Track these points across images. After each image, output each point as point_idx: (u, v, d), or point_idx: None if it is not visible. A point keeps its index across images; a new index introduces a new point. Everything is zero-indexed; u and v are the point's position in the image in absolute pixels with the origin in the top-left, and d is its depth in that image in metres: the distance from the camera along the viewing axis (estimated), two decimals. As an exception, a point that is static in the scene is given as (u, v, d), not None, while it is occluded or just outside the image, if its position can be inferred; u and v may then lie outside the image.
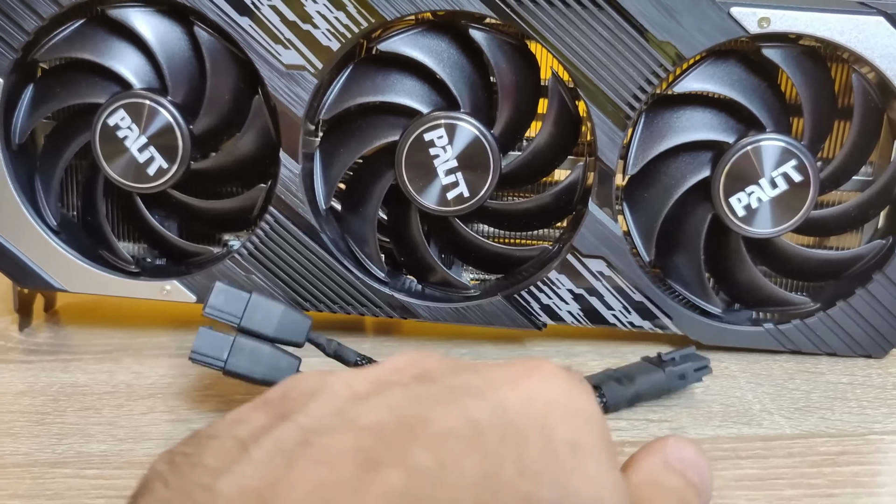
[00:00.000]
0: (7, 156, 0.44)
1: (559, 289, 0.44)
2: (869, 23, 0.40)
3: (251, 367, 0.37)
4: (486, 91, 0.43)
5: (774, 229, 0.42)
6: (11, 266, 0.45)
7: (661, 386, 0.39)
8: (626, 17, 0.40)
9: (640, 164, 0.42)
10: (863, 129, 0.42)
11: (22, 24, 0.42)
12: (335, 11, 0.41)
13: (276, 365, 0.37)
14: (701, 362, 0.40)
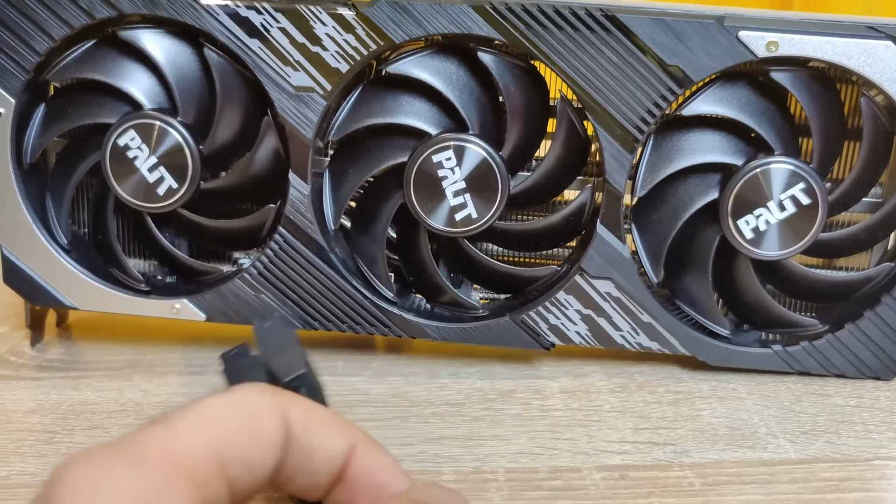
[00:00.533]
0: (18, 175, 0.44)
1: (567, 309, 0.44)
2: (878, 47, 0.40)
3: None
4: (495, 113, 0.43)
5: (783, 252, 0.42)
6: (23, 284, 0.46)
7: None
8: (634, 41, 0.40)
9: (648, 187, 0.42)
10: (872, 153, 0.42)
11: (34, 45, 0.43)
12: (344, 34, 0.41)
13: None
14: None
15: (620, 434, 0.39)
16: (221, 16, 0.41)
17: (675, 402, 0.42)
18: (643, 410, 0.41)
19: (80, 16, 0.42)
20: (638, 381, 0.44)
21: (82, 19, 0.42)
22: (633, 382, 0.44)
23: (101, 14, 0.42)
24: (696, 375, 0.45)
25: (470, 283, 0.47)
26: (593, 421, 0.40)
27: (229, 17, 0.41)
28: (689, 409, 0.41)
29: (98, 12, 0.42)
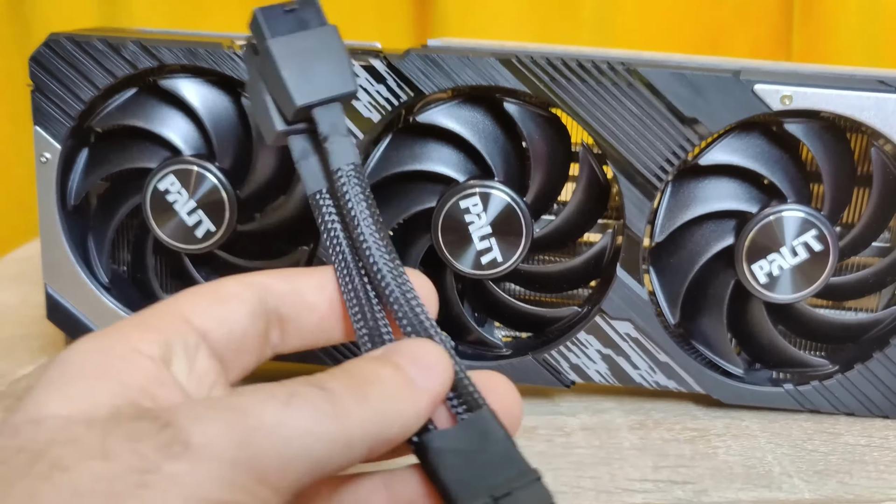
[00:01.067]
0: (62, 216, 0.46)
1: (587, 349, 0.45)
2: (888, 101, 0.41)
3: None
4: (519, 160, 0.45)
5: (795, 295, 0.44)
6: (66, 321, 0.47)
7: None
8: (654, 94, 0.42)
9: (666, 232, 0.44)
10: (881, 200, 0.44)
11: (79, 94, 0.45)
12: (376, 85, 0.43)
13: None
14: None
15: (641, 472, 0.41)
16: (259, 67, 0.43)
17: (691, 440, 0.44)
18: (661, 448, 0.43)
19: (123, 66, 0.44)
20: (655, 418, 0.46)
21: (125, 69, 0.44)
22: (650, 419, 0.46)
23: (143, 64, 0.44)
24: (710, 412, 0.46)
25: (493, 322, 0.49)
26: (614, 459, 0.42)
27: (267, 68, 0.43)
28: (705, 447, 0.43)
29: (141, 63, 0.44)
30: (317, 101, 0.32)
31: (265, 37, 0.31)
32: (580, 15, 0.91)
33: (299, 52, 0.32)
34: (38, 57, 0.45)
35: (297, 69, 0.31)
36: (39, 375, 0.25)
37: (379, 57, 0.43)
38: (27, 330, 0.56)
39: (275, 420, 0.24)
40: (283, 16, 0.32)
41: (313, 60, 0.32)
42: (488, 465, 0.28)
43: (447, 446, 0.28)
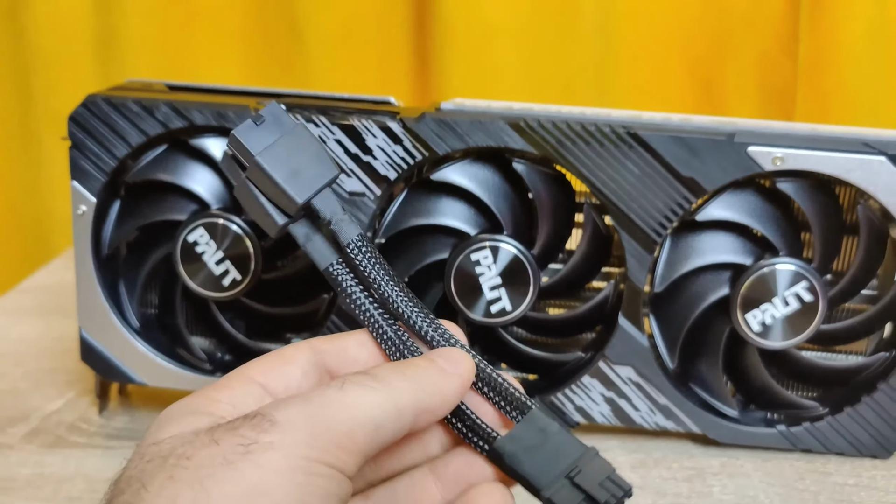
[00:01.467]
0: (96, 264, 0.49)
1: (591, 391, 0.48)
2: (872, 162, 0.44)
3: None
4: (527, 214, 0.48)
5: (786, 342, 0.46)
6: (99, 362, 0.50)
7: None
8: (653, 155, 0.45)
9: (666, 283, 0.47)
10: (868, 253, 0.47)
11: (114, 151, 0.48)
12: (393, 145, 0.46)
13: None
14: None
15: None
16: (283, 128, 0.46)
17: (689, 479, 0.46)
18: (661, 487, 0.46)
19: (156, 126, 0.47)
20: (655, 457, 0.48)
21: (158, 129, 0.47)
22: (650, 458, 0.48)
23: (174, 125, 0.47)
24: (707, 451, 0.49)
25: (501, 364, 0.51)
26: (616, 498, 0.45)
27: (290, 129, 0.46)
28: (701, 486, 0.46)
29: (172, 123, 0.47)
30: (313, 193, 0.36)
31: (251, 153, 0.36)
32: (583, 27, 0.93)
33: (284, 157, 0.36)
34: (76, 117, 0.47)
35: (287, 172, 0.36)
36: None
37: (396, 119, 0.46)
38: (52, 364, 0.59)
39: (335, 398, 0.30)
40: (256, 129, 0.36)
41: (297, 159, 0.36)
42: (554, 452, 0.33)
43: (517, 447, 0.34)
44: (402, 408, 0.31)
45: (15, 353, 0.61)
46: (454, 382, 0.34)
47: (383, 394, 0.31)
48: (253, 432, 0.29)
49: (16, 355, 0.60)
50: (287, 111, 0.39)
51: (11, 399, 0.54)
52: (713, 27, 0.94)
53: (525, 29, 0.92)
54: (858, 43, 0.91)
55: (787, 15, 0.94)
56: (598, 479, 0.33)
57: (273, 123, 0.36)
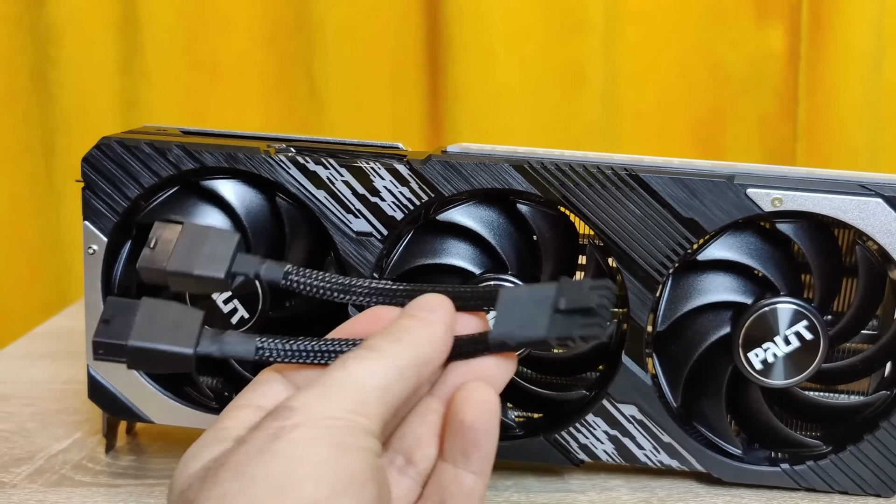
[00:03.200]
0: (107, 303, 0.50)
1: (595, 430, 0.49)
2: (869, 204, 0.45)
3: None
4: (531, 254, 0.48)
5: (788, 381, 0.47)
6: (106, 400, 0.51)
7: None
8: (654, 197, 0.46)
9: (668, 322, 0.48)
10: (867, 293, 0.47)
11: (126, 192, 0.49)
12: (400, 187, 0.47)
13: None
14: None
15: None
16: (293, 170, 0.47)
17: (693, 518, 0.47)
18: (665, 525, 0.46)
19: (168, 168, 0.48)
20: (659, 496, 0.49)
21: (169, 171, 0.48)
22: (654, 497, 0.49)
23: (186, 167, 0.48)
24: (711, 490, 0.49)
25: (507, 403, 0.52)
26: (620, 536, 0.45)
27: (299, 171, 0.47)
28: (706, 525, 0.46)
29: (184, 165, 0.48)
30: (229, 265, 0.38)
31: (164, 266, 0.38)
32: (591, 89, 0.96)
33: (186, 252, 0.38)
34: (89, 158, 0.49)
35: (201, 261, 0.38)
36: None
37: (403, 162, 0.47)
38: (61, 405, 0.59)
39: (340, 376, 0.33)
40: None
41: (199, 249, 0.38)
42: (533, 307, 0.36)
43: (505, 326, 0.36)
44: (403, 367, 0.34)
45: (25, 395, 0.61)
46: (439, 328, 0.36)
47: (383, 360, 0.34)
48: (276, 421, 0.32)
49: (26, 397, 0.61)
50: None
51: (19, 439, 0.55)
52: (715, 90, 0.97)
53: (534, 91, 0.95)
54: (856, 106, 0.94)
55: (786, 79, 0.96)
56: (580, 294, 0.35)
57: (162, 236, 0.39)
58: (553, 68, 0.96)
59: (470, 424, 0.36)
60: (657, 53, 0.97)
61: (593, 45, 0.96)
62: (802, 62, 0.96)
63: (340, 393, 0.33)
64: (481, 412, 0.36)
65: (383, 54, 0.97)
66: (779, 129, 0.98)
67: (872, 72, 0.94)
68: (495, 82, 0.95)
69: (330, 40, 0.96)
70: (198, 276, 0.38)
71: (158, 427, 0.53)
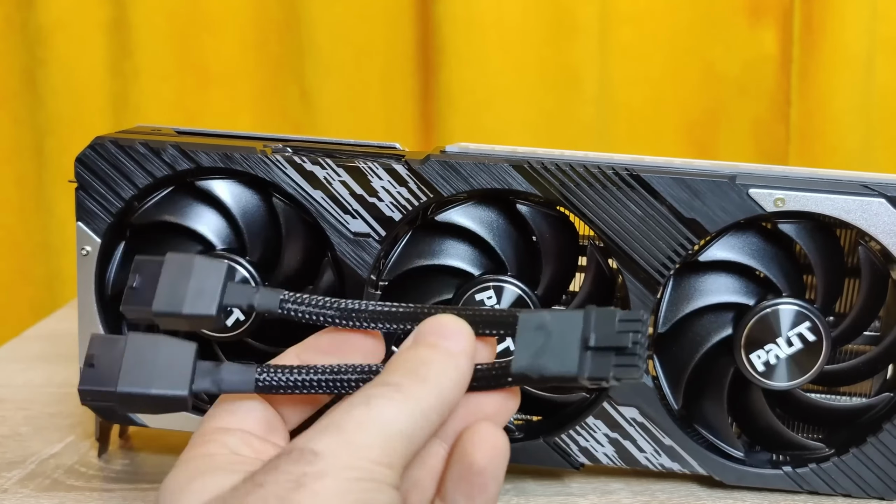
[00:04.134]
0: (100, 306, 0.49)
1: (596, 433, 0.48)
2: (872, 204, 0.45)
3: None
4: (530, 255, 0.48)
5: (791, 383, 0.46)
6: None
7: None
8: (656, 197, 0.45)
9: (669, 324, 0.47)
10: (870, 294, 0.47)
11: (120, 192, 0.48)
12: (398, 187, 0.46)
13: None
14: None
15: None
16: (289, 170, 0.47)
17: (695, 521, 0.46)
18: (667, 529, 0.45)
19: (163, 168, 0.48)
20: (660, 499, 0.48)
21: (164, 171, 0.48)
22: (655, 500, 0.48)
23: (181, 167, 0.47)
24: (713, 493, 0.49)
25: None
26: (622, 540, 0.44)
27: (296, 171, 0.47)
28: (708, 528, 0.46)
29: (179, 165, 0.47)
30: (220, 301, 0.36)
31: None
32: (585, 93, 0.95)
33: (173, 287, 0.36)
34: (83, 158, 0.48)
35: (189, 297, 0.36)
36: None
37: (401, 162, 0.46)
38: (55, 409, 0.59)
39: (364, 418, 0.31)
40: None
41: (185, 283, 0.36)
42: (560, 338, 0.33)
43: (530, 358, 0.33)
44: (426, 412, 0.32)
45: (18, 399, 0.60)
46: (463, 362, 0.34)
47: (408, 403, 0.32)
48: (297, 466, 0.30)
49: (19, 400, 0.60)
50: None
51: (11, 443, 0.54)
52: (708, 92, 0.97)
53: (527, 94, 0.95)
54: (848, 108, 0.95)
55: (779, 81, 0.96)
56: (611, 329, 0.33)
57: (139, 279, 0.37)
58: (546, 71, 0.96)
59: (480, 469, 0.34)
60: (650, 56, 0.97)
61: (587, 48, 0.96)
62: (795, 65, 0.97)
63: (366, 440, 0.31)
64: (493, 456, 0.34)
65: (375, 57, 0.97)
66: (772, 131, 0.98)
67: (865, 74, 0.94)
68: (488, 85, 0.95)
69: (321, 43, 0.95)
70: (187, 316, 0.36)
71: (152, 431, 0.52)
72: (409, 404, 0.32)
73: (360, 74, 0.96)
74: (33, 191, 0.99)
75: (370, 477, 0.30)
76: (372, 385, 0.33)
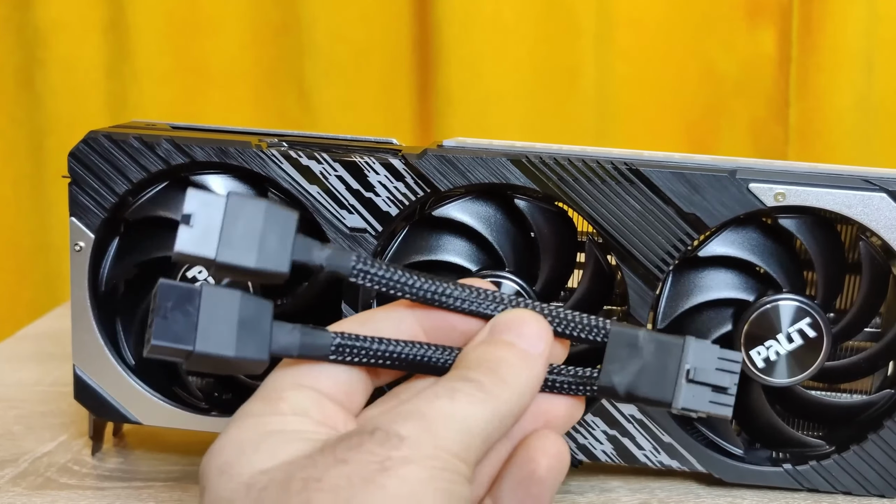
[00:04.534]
0: (93, 301, 0.49)
1: (594, 430, 0.48)
2: (873, 199, 0.44)
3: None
4: (529, 251, 0.47)
5: (791, 379, 0.46)
6: (93, 401, 0.50)
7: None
8: (655, 191, 0.45)
9: (668, 319, 0.47)
10: (870, 290, 0.46)
11: (114, 187, 0.48)
12: (395, 182, 0.46)
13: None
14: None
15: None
16: (285, 165, 0.46)
17: (695, 519, 0.46)
18: (666, 527, 0.45)
19: (157, 163, 0.47)
20: (659, 497, 0.48)
21: (159, 165, 0.47)
22: (654, 498, 0.48)
23: (176, 161, 0.47)
24: (712, 491, 0.48)
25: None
26: (621, 538, 0.44)
27: (292, 166, 0.46)
28: (708, 526, 0.45)
29: (174, 160, 0.47)
30: (289, 255, 0.34)
31: (212, 258, 0.32)
32: (583, 93, 0.95)
33: (242, 236, 0.33)
34: (76, 153, 0.47)
35: (255, 249, 0.33)
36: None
37: (398, 156, 0.46)
38: (47, 407, 0.58)
39: (448, 412, 0.31)
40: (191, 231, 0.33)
41: (252, 228, 0.33)
42: (656, 360, 0.34)
43: (621, 373, 0.34)
44: (504, 415, 0.33)
45: (10, 398, 0.60)
46: (540, 367, 0.34)
47: (489, 405, 0.32)
48: (383, 449, 0.30)
49: (11, 399, 0.60)
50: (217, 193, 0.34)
51: (3, 442, 0.54)
52: (707, 93, 0.97)
53: (526, 94, 0.95)
54: (847, 109, 0.94)
55: (777, 81, 0.96)
56: (710, 364, 0.34)
57: (203, 212, 0.33)
58: (545, 71, 0.95)
59: (540, 478, 0.34)
60: (649, 56, 0.97)
61: (585, 49, 0.95)
62: (793, 65, 0.96)
63: (449, 433, 0.31)
64: (555, 467, 0.34)
65: (374, 57, 0.97)
66: (770, 131, 0.98)
67: (863, 75, 0.94)
68: (486, 85, 0.95)
69: (320, 43, 0.95)
70: (256, 271, 0.32)
71: (146, 429, 0.52)
72: (489, 405, 0.32)
73: (359, 74, 0.96)
74: (31, 191, 0.98)
75: (452, 468, 0.30)
76: (453, 378, 0.33)
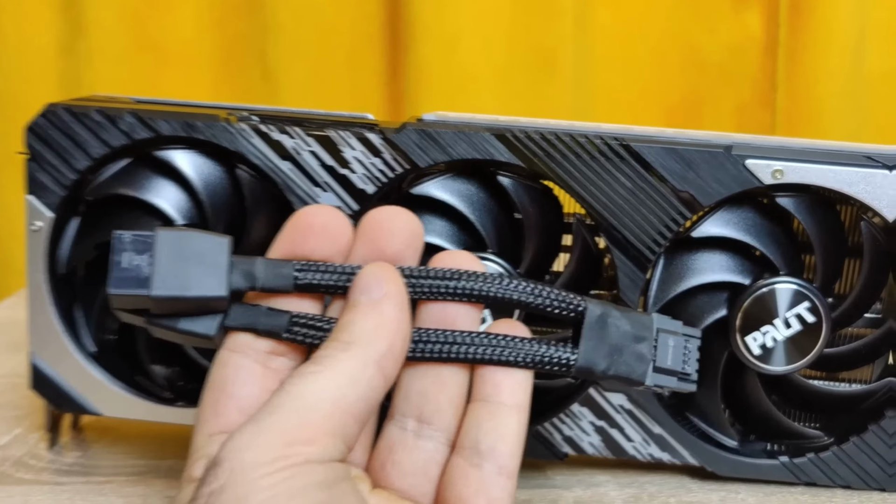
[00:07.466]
0: (51, 284, 0.46)
1: (581, 421, 0.45)
2: (875, 176, 0.42)
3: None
4: (513, 231, 0.45)
5: (788, 367, 0.44)
6: (51, 391, 0.47)
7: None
8: (647, 168, 0.43)
9: (659, 304, 0.44)
10: (871, 273, 0.44)
11: (73, 164, 0.45)
12: (371, 158, 0.43)
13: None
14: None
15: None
16: (255, 139, 0.44)
17: (687, 514, 0.44)
18: (657, 523, 0.43)
19: (119, 137, 0.44)
20: (650, 492, 0.45)
21: (121, 140, 0.44)
22: (644, 493, 0.45)
23: (139, 136, 0.44)
24: (705, 485, 0.46)
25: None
26: (611, 534, 0.42)
27: (263, 140, 0.44)
28: (701, 522, 0.43)
29: (137, 134, 0.44)
30: (227, 278, 0.34)
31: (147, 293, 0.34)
32: (561, 75, 0.93)
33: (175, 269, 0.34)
34: (34, 127, 0.45)
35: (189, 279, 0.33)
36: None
37: (375, 130, 0.43)
38: (1, 399, 0.55)
39: (277, 403, 0.30)
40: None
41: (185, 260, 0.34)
42: (625, 340, 0.35)
43: (593, 354, 0.35)
44: (351, 372, 0.31)
45: (-37, 390, 0.57)
46: (387, 308, 0.33)
47: (327, 373, 0.31)
48: (207, 487, 0.29)
49: (-37, 391, 0.57)
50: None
51: (-44, 436, 0.51)
52: (691, 76, 0.95)
53: (501, 75, 0.93)
54: (836, 94, 0.92)
55: (764, 65, 0.94)
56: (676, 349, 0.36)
57: (133, 250, 0.34)
58: (522, 52, 0.93)
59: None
60: (630, 38, 0.95)
61: (564, 29, 0.93)
62: (781, 48, 0.94)
63: (273, 424, 0.30)
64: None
65: (341, 35, 0.93)
66: (757, 116, 0.96)
67: (854, 58, 0.92)
68: (461, 65, 0.92)
69: (283, 20, 0.92)
70: (194, 299, 0.33)
71: (106, 421, 0.49)
72: (327, 373, 0.31)
73: (326, 53, 0.93)
74: None
75: (286, 465, 0.29)
76: (295, 371, 0.32)
